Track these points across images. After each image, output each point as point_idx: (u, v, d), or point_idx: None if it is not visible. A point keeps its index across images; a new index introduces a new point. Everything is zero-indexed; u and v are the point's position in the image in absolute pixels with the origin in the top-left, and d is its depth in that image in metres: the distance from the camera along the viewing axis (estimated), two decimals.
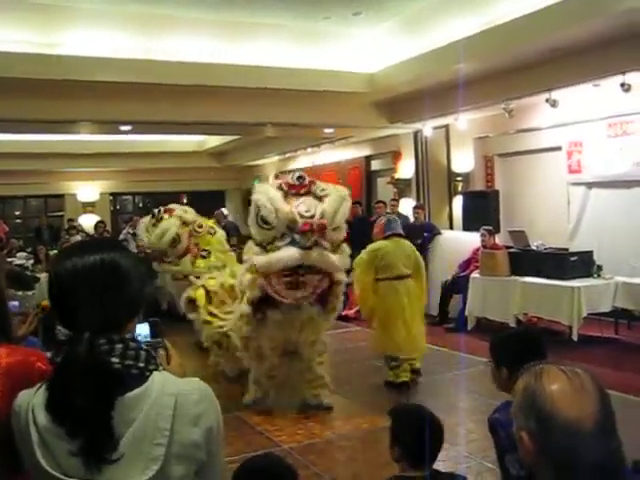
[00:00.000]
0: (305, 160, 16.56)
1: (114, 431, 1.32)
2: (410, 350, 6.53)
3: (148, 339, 1.64)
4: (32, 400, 1.41)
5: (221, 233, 8.39)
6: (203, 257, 7.89)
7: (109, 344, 1.39)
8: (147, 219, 8.30)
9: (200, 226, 8.08)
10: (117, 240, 2.72)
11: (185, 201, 18.67)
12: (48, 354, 1.81)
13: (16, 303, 2.32)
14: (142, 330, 1.63)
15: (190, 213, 8.23)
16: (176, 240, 7.81)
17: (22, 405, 1.43)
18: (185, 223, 7.97)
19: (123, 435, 1.33)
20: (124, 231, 13.61)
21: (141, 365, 1.40)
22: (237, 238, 12.11)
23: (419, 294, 6.71)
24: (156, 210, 8.22)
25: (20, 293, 2.35)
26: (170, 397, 1.38)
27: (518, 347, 2.61)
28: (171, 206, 8.31)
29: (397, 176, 13.06)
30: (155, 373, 1.42)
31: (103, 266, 1.44)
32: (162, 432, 1.35)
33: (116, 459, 1.32)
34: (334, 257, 5.36)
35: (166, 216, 8.02)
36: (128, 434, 1.33)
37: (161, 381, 1.40)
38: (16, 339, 2.18)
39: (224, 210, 14.61)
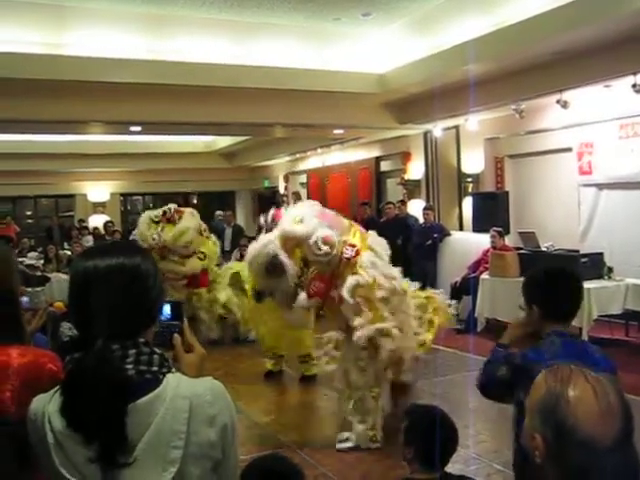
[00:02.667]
0: (315, 161, 16.57)
1: (129, 436, 1.32)
2: None
3: (167, 320, 1.62)
4: (47, 406, 1.40)
5: (214, 237, 8.80)
6: (200, 259, 8.26)
7: (122, 350, 1.38)
8: (149, 214, 8.37)
9: (205, 230, 8.48)
10: (139, 244, 2.78)
11: (195, 202, 18.77)
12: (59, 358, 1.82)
13: (26, 299, 2.34)
14: (164, 310, 1.61)
15: (196, 216, 8.48)
16: (189, 243, 8.06)
17: (37, 412, 1.41)
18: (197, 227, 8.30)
19: (139, 440, 1.33)
20: (134, 232, 13.63)
21: (154, 369, 1.40)
22: (247, 239, 12.17)
23: None
24: (167, 208, 8.35)
25: (30, 289, 2.36)
26: (184, 400, 1.37)
27: (548, 284, 2.59)
28: (181, 209, 8.54)
29: (407, 177, 13.03)
30: (168, 375, 1.41)
31: (124, 270, 1.43)
32: (178, 435, 1.35)
33: (132, 463, 1.32)
34: None
35: (177, 216, 8.19)
36: (144, 438, 1.33)
37: (175, 384, 1.39)
38: (27, 335, 2.20)
39: (219, 212, 14.76)
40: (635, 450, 1.29)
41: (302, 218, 5.13)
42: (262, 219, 5.85)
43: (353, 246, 5.10)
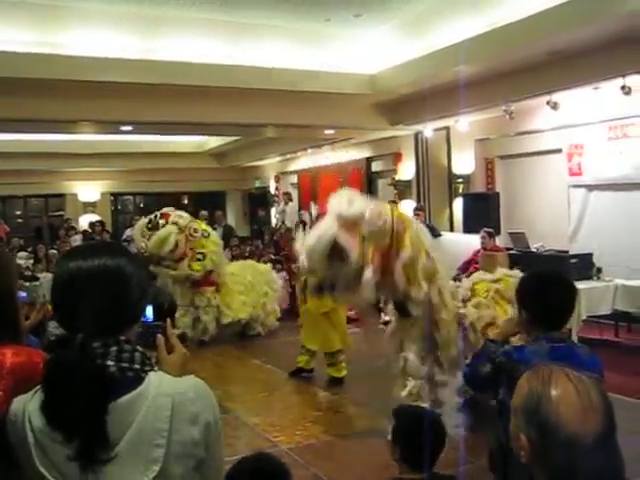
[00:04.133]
0: (306, 161, 16.56)
1: (110, 435, 1.31)
2: None
3: (150, 321, 1.62)
4: (28, 405, 1.39)
5: (215, 235, 8.93)
6: (199, 260, 8.43)
7: (104, 347, 1.38)
8: (143, 222, 8.64)
9: (195, 231, 8.56)
10: (123, 245, 2.81)
11: (186, 202, 18.74)
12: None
13: (24, 294, 2.34)
14: (146, 312, 1.61)
15: (185, 218, 8.63)
16: (174, 247, 8.19)
17: (18, 413, 1.41)
18: (181, 229, 8.36)
19: (121, 438, 1.32)
20: (127, 231, 13.68)
21: (136, 367, 1.39)
22: (238, 239, 12.23)
23: None
24: (152, 215, 8.58)
25: (27, 284, 2.37)
26: (167, 398, 1.36)
27: (541, 292, 2.57)
28: (166, 210, 8.74)
29: (398, 178, 13.05)
30: (151, 374, 1.40)
31: (107, 271, 1.43)
32: (160, 433, 1.34)
33: (112, 460, 1.31)
34: None
35: (162, 222, 8.39)
36: (126, 437, 1.32)
37: (157, 382, 1.39)
38: (24, 329, 2.21)
39: (203, 213, 14.85)
40: (618, 449, 1.30)
41: (350, 200, 5.09)
42: (305, 215, 5.67)
43: (401, 222, 5.14)
